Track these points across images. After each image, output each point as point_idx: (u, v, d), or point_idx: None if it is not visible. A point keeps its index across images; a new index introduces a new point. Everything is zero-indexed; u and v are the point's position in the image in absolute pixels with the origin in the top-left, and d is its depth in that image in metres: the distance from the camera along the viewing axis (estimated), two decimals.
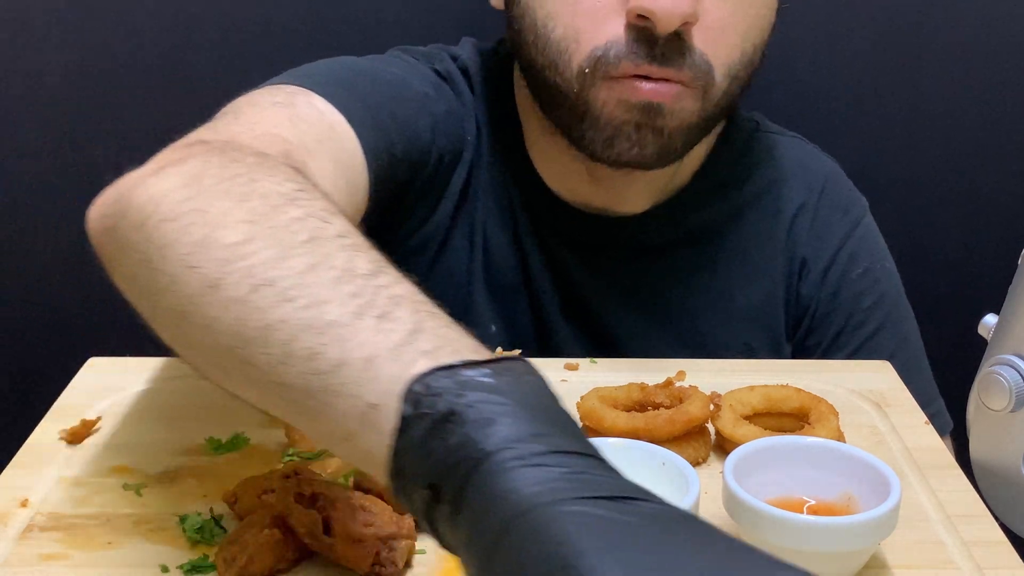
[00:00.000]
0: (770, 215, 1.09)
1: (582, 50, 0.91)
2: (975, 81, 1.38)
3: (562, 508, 0.45)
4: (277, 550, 0.68)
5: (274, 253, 0.58)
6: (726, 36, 0.92)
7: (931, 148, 1.41)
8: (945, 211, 1.43)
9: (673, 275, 1.07)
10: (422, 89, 1.01)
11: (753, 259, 1.08)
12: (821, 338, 1.09)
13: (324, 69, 0.96)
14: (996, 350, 0.85)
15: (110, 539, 0.72)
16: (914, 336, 1.12)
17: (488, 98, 1.06)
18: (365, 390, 0.53)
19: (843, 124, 1.39)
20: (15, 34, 1.34)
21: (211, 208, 0.62)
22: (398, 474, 0.52)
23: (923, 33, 1.36)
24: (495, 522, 0.46)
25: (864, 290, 1.08)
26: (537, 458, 0.47)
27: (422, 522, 0.52)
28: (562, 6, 0.92)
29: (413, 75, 1.02)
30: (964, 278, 1.44)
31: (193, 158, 0.67)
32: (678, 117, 0.92)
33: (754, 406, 0.84)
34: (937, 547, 0.72)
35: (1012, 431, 0.84)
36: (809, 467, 0.72)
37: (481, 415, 0.49)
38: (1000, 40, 1.36)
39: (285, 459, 0.81)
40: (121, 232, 0.66)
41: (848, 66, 1.38)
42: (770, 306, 1.08)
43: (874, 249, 1.11)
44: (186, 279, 0.60)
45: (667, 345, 1.06)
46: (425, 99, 1.00)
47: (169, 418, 0.87)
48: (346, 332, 0.55)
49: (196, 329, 0.60)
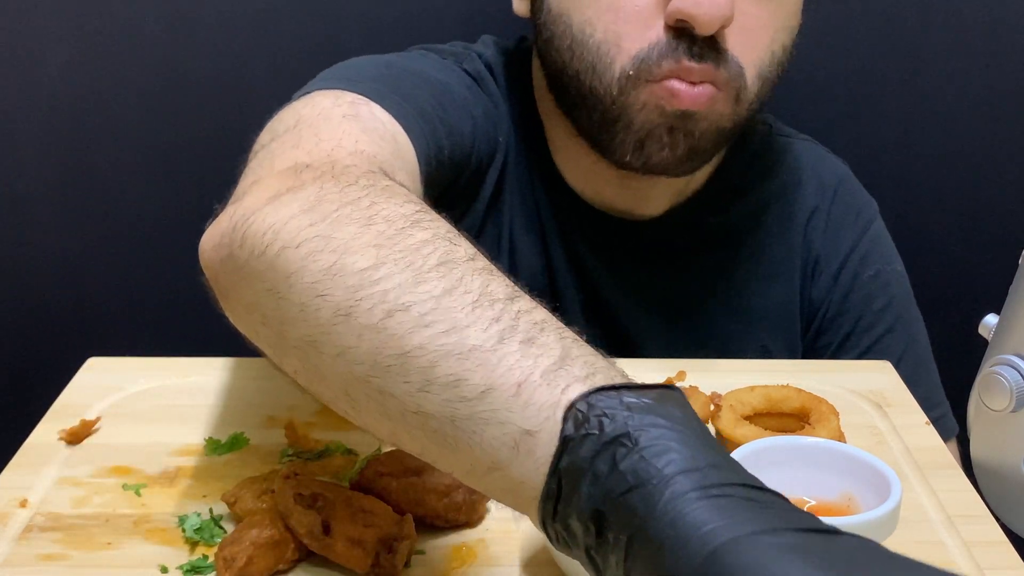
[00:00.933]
0: (785, 218, 1.09)
1: (624, 53, 0.91)
2: (975, 81, 1.38)
3: (767, 539, 0.43)
4: (277, 550, 0.68)
5: (407, 277, 0.56)
6: (758, 38, 0.93)
7: (931, 148, 1.41)
8: (945, 211, 1.43)
9: (691, 277, 1.07)
10: (462, 92, 1.01)
11: (769, 261, 1.08)
12: (831, 339, 1.09)
13: (373, 72, 0.93)
14: (996, 350, 0.85)
15: (110, 539, 0.72)
16: (922, 339, 1.12)
17: (512, 99, 1.06)
18: (518, 416, 0.51)
19: (843, 124, 1.39)
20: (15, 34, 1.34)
21: (336, 234, 0.59)
22: (554, 500, 0.49)
23: (923, 33, 1.36)
24: (692, 555, 0.43)
25: (875, 292, 1.09)
26: (720, 488, 0.45)
27: (576, 551, 0.49)
28: (602, 11, 0.92)
29: (452, 77, 1.02)
30: (964, 278, 1.44)
31: (309, 184, 0.64)
32: (710, 120, 0.93)
33: (754, 406, 0.84)
34: (937, 547, 0.72)
35: (1012, 431, 0.84)
36: (809, 467, 0.72)
37: (654, 440, 0.47)
38: (1000, 40, 1.36)
39: (285, 459, 0.81)
40: (240, 261, 0.62)
41: (848, 66, 1.38)
42: (786, 308, 1.09)
43: (885, 252, 1.12)
44: (316, 307, 0.57)
45: (686, 347, 1.06)
46: (465, 102, 1.00)
47: (169, 418, 0.87)
48: (491, 357, 0.52)
49: (327, 359, 0.57)
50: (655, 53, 0.90)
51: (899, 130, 1.40)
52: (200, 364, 0.96)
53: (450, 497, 0.72)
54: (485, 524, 0.74)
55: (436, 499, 0.72)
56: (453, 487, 0.72)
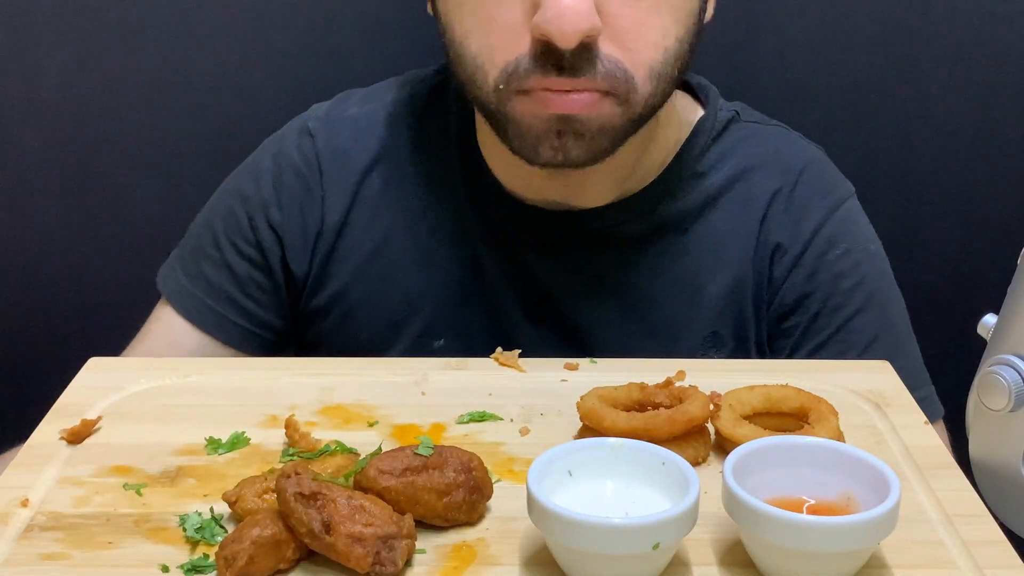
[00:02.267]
0: (742, 201, 1.09)
1: (496, 67, 0.93)
2: (975, 81, 1.38)
3: None
4: (278, 549, 0.68)
5: None
6: (643, 38, 0.93)
7: (930, 147, 1.41)
8: (945, 211, 1.43)
9: (641, 266, 1.07)
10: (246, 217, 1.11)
11: (723, 248, 1.08)
12: (799, 320, 1.08)
13: (187, 264, 1.13)
14: (996, 350, 0.85)
15: (110, 539, 0.72)
16: (900, 320, 1.10)
17: (433, 115, 1.11)
18: None
19: (842, 123, 1.39)
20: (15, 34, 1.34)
21: None
22: None
23: (923, 33, 1.37)
24: None
25: (843, 272, 1.08)
26: None
27: None
28: (478, 24, 0.94)
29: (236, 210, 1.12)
30: (964, 278, 1.44)
31: None
32: (598, 122, 0.93)
33: (754, 406, 0.84)
34: (937, 547, 0.72)
35: (1012, 431, 0.84)
36: (809, 467, 0.72)
37: None
38: (1000, 40, 1.36)
39: (285, 459, 0.82)
40: None
41: (848, 65, 1.38)
42: (737, 293, 1.08)
43: (856, 232, 1.10)
44: None
45: (635, 336, 1.07)
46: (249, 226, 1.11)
47: (169, 418, 0.87)
48: None
49: None
50: (522, 67, 0.92)
51: (899, 130, 1.40)
52: (200, 364, 0.96)
53: (450, 497, 0.72)
54: (485, 524, 0.74)
55: (436, 499, 0.72)
56: (453, 487, 0.73)
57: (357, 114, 1.12)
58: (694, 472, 0.70)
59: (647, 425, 0.79)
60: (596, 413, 0.81)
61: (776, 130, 1.14)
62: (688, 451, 0.80)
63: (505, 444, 0.84)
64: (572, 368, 0.96)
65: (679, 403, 0.82)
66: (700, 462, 0.82)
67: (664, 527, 0.65)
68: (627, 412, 0.82)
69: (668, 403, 0.83)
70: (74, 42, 1.35)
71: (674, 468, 0.71)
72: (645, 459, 0.72)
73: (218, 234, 1.11)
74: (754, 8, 1.35)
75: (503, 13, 0.92)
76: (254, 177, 1.12)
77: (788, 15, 1.37)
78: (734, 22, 1.31)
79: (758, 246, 1.08)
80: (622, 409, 0.83)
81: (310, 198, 1.10)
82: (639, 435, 0.78)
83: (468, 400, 0.90)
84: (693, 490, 0.68)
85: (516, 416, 0.88)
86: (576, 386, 0.90)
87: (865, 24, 1.36)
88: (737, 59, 1.36)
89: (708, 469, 0.81)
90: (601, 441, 0.74)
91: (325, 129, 1.12)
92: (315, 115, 1.13)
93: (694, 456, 0.81)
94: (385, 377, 0.94)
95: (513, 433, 0.86)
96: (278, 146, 1.12)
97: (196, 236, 1.13)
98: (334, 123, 1.12)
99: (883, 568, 0.70)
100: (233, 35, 1.36)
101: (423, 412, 0.89)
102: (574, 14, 0.87)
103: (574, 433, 0.85)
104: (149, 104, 1.36)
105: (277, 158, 1.11)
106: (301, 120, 1.14)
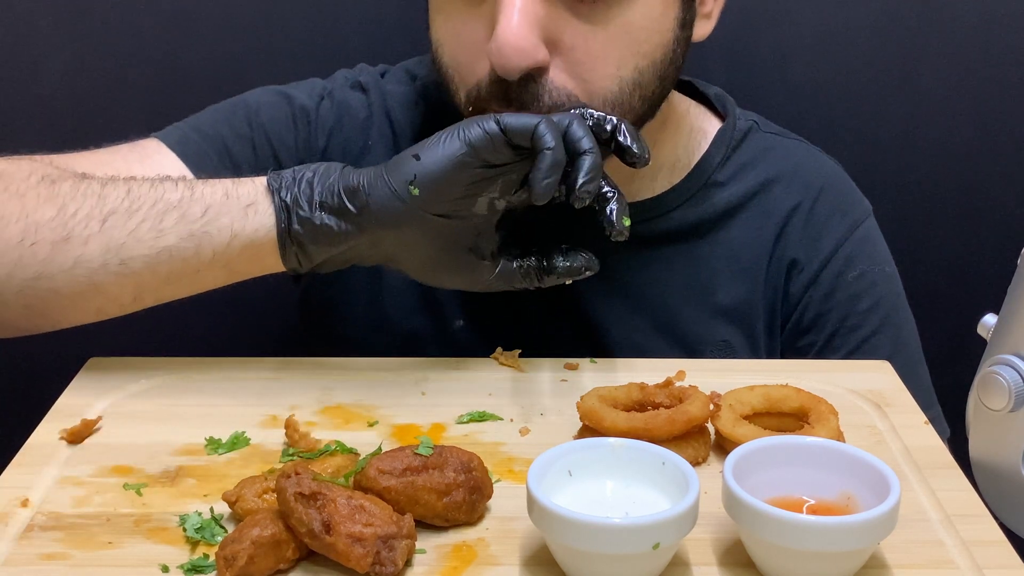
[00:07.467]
0: (759, 215, 1.09)
1: (463, 85, 0.96)
2: (974, 81, 1.38)
3: None
4: (278, 549, 0.68)
5: (92, 203, 0.87)
6: (597, 70, 0.93)
7: (930, 148, 1.41)
8: (945, 211, 1.43)
9: (656, 269, 1.07)
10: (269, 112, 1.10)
11: (739, 258, 1.08)
12: (815, 339, 1.08)
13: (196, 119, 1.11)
14: (996, 350, 0.85)
15: (110, 539, 0.72)
16: (912, 342, 1.11)
17: None
18: (234, 203, 0.86)
19: (843, 124, 1.39)
20: (15, 34, 1.34)
21: None
22: (287, 222, 0.85)
23: (923, 33, 1.36)
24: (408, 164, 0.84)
25: (860, 292, 1.08)
26: None
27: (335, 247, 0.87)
28: (448, 36, 0.96)
29: (264, 103, 1.11)
30: (964, 278, 1.44)
31: None
32: None
33: (754, 406, 0.84)
34: (936, 547, 0.72)
35: (1011, 431, 0.84)
36: (809, 467, 0.72)
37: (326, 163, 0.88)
38: (1000, 40, 1.36)
39: (285, 459, 0.82)
40: None
41: (848, 66, 1.38)
42: (750, 306, 1.08)
43: (873, 253, 1.11)
44: (33, 253, 0.86)
45: (647, 336, 1.07)
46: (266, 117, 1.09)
47: (169, 418, 0.87)
48: (194, 194, 0.87)
49: (62, 278, 0.87)
50: (483, 91, 0.93)
51: (898, 130, 1.40)
52: (200, 364, 0.96)
53: (450, 497, 0.73)
54: (485, 524, 0.74)
55: (436, 499, 0.72)
56: (453, 487, 0.73)
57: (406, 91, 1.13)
58: (694, 472, 0.70)
59: (647, 425, 0.79)
60: (596, 413, 0.81)
61: (794, 144, 1.14)
62: (688, 451, 0.80)
63: (505, 444, 0.84)
64: (572, 368, 0.96)
65: (679, 403, 0.82)
66: (700, 462, 0.82)
67: (664, 527, 0.65)
68: (627, 412, 0.82)
69: (668, 403, 0.83)
70: (74, 42, 1.35)
71: (674, 468, 0.71)
72: (645, 459, 0.72)
73: (254, 112, 1.09)
74: (754, 8, 1.35)
75: (467, 31, 0.94)
76: (309, 95, 1.11)
77: (788, 16, 1.36)
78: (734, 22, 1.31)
79: (773, 260, 1.09)
80: (622, 409, 0.83)
81: (359, 146, 1.10)
82: (639, 435, 0.78)
83: (468, 400, 0.90)
84: (693, 490, 0.68)
85: (516, 416, 0.88)
86: (576, 386, 0.90)
87: (865, 25, 1.36)
88: (737, 59, 1.36)
89: (708, 469, 0.81)
90: (601, 441, 0.74)
91: (376, 90, 1.12)
92: (368, 74, 1.14)
93: (694, 456, 0.81)
94: (385, 377, 0.94)
95: (513, 433, 0.86)
96: (340, 94, 1.12)
97: (216, 110, 1.11)
98: (383, 90, 1.12)
99: (883, 568, 0.70)
100: (233, 36, 1.36)
101: (423, 412, 0.89)
102: (513, 50, 0.89)
103: (574, 433, 0.85)
104: (149, 104, 1.36)
105: (332, 96, 1.11)
106: (353, 75, 1.14)
